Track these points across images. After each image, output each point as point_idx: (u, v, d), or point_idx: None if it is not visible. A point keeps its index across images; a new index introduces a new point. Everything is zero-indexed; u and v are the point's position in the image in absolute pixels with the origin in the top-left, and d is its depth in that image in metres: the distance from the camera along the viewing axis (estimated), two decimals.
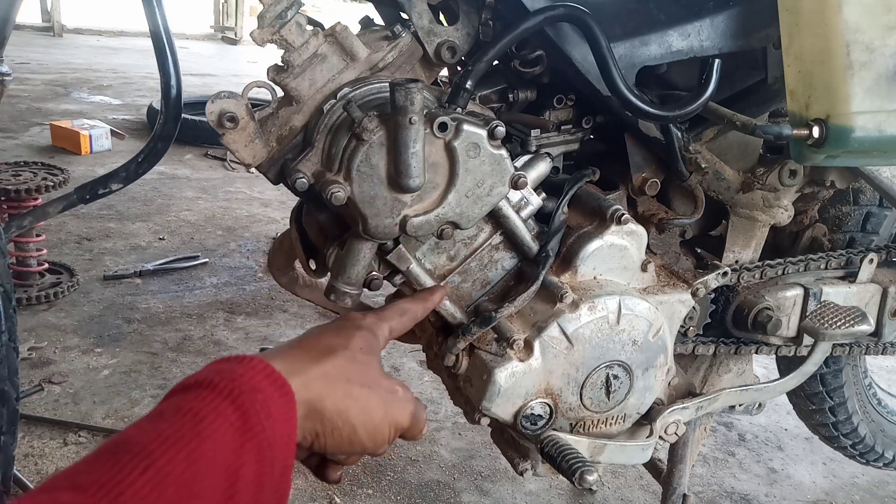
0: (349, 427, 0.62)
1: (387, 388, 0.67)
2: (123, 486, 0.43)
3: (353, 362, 0.64)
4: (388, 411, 0.66)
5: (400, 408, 0.68)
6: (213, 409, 0.49)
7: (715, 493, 1.89)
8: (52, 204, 1.33)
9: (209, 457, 0.47)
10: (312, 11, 1.34)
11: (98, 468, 0.44)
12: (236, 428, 0.49)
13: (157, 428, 0.47)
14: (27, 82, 5.84)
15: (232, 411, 0.50)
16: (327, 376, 0.61)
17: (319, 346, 0.64)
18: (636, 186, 1.13)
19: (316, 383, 0.59)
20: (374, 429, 0.64)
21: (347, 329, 0.69)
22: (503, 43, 0.89)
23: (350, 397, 0.62)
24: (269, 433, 0.51)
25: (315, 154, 0.87)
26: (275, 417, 0.52)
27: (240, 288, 2.77)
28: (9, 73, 1.42)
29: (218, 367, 0.54)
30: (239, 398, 0.51)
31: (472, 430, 2.01)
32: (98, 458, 0.46)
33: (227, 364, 0.54)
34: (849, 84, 0.89)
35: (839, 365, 1.59)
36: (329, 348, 0.64)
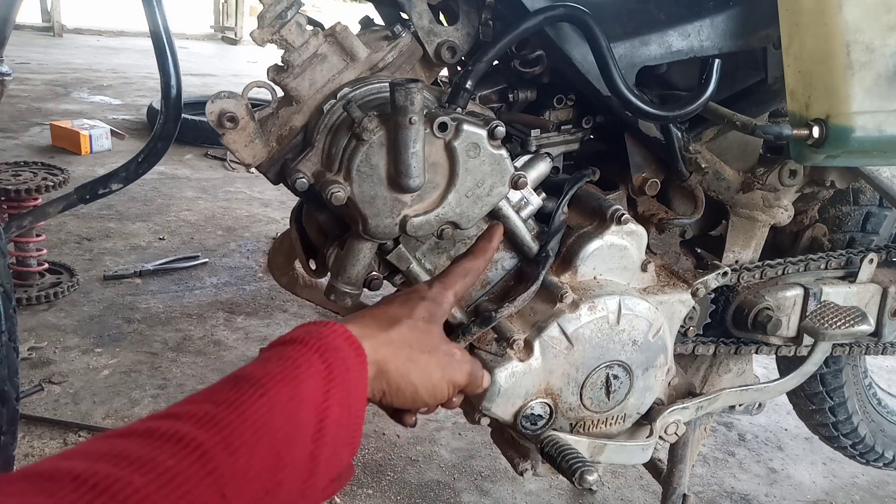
0: (411, 387, 0.71)
1: (445, 352, 0.77)
2: (245, 406, 0.53)
3: (414, 330, 0.73)
4: (445, 373, 0.76)
5: (457, 369, 0.78)
6: (306, 359, 0.60)
7: (715, 493, 1.89)
8: (52, 204, 1.33)
9: (305, 395, 0.57)
10: (312, 11, 1.34)
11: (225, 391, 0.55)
12: (323, 376, 0.60)
13: (266, 368, 0.58)
14: (27, 82, 5.84)
15: (320, 363, 0.60)
16: (392, 342, 0.70)
17: (387, 315, 0.73)
18: (636, 186, 1.13)
19: (383, 348, 0.68)
20: (433, 388, 0.74)
21: (412, 300, 0.78)
22: (503, 43, 0.89)
23: (411, 361, 0.71)
24: (347, 384, 0.61)
25: (315, 154, 0.87)
26: (351, 372, 0.63)
27: (240, 288, 2.77)
28: (9, 73, 1.43)
29: (307, 328, 0.64)
30: (325, 353, 0.61)
31: (472, 430, 2.01)
32: (223, 385, 0.56)
33: (315, 327, 0.65)
34: (849, 84, 0.89)
35: (839, 365, 1.59)
36: (395, 317, 0.73)
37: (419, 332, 0.74)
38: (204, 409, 0.52)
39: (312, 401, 0.58)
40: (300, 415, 0.56)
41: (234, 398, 0.54)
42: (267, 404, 0.54)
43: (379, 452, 1.89)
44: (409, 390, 0.71)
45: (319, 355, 0.61)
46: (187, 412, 0.51)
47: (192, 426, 0.50)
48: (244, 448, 0.50)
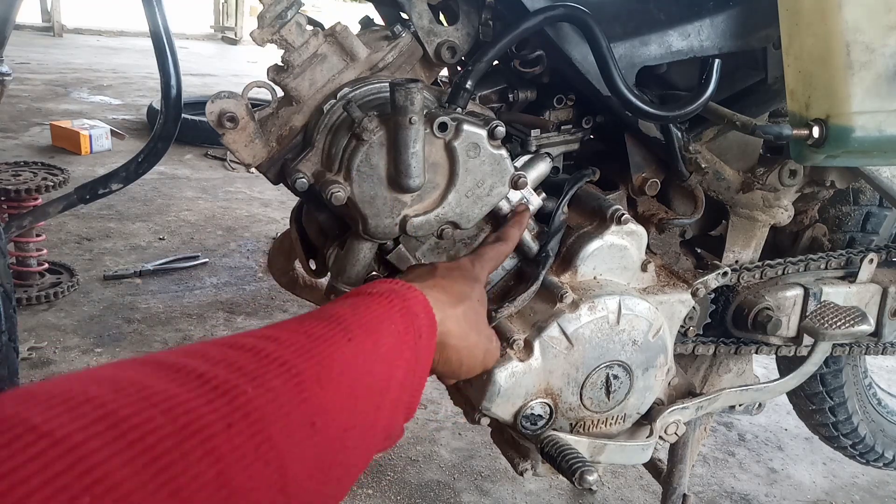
0: (458, 363, 0.77)
1: (487, 336, 0.83)
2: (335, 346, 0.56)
3: (473, 312, 0.78)
4: (484, 356, 0.83)
5: (492, 355, 0.86)
6: (388, 316, 0.64)
7: (715, 493, 1.89)
8: (52, 204, 1.33)
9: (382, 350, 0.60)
10: (312, 11, 1.34)
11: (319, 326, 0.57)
12: (400, 336, 0.63)
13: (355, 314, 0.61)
14: (27, 82, 5.84)
15: (400, 323, 0.64)
16: (457, 320, 0.74)
17: (455, 290, 0.77)
18: (636, 186, 1.13)
19: (449, 323, 0.73)
20: (472, 367, 0.81)
21: (470, 279, 0.82)
22: (503, 43, 0.89)
23: (465, 339, 0.76)
24: (418, 349, 0.65)
25: (315, 154, 0.87)
26: (423, 339, 0.67)
27: (240, 288, 2.77)
28: (9, 73, 1.43)
29: (391, 286, 0.68)
30: (406, 316, 0.65)
31: (472, 430, 2.01)
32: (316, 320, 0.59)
33: (398, 287, 0.68)
34: (849, 84, 0.89)
35: (839, 365, 1.59)
36: (461, 295, 0.77)
37: (475, 314, 0.79)
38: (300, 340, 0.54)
39: (387, 357, 0.61)
40: (376, 367, 0.59)
41: (326, 335, 0.57)
42: (352, 349, 0.57)
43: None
44: (455, 364, 0.77)
45: (401, 316, 0.65)
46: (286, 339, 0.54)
47: (291, 353, 0.52)
48: (331, 385, 0.53)
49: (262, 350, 0.51)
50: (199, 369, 0.47)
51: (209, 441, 0.42)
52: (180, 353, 0.49)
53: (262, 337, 0.54)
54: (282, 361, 0.51)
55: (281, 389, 0.49)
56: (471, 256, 0.89)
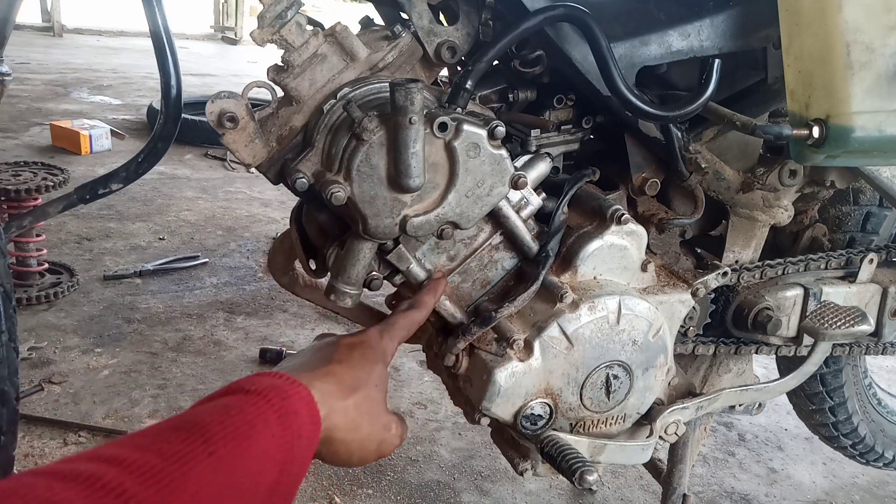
0: (346, 455, 0.73)
1: (384, 425, 0.78)
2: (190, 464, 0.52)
3: (367, 401, 0.74)
4: (378, 447, 0.78)
5: (388, 444, 0.80)
6: (263, 418, 0.60)
7: (715, 493, 1.88)
8: (52, 204, 1.33)
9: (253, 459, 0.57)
10: (312, 11, 1.34)
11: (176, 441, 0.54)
12: (276, 439, 0.60)
13: (223, 420, 0.58)
14: (27, 82, 5.84)
15: (276, 424, 0.60)
16: (346, 412, 0.71)
17: (347, 379, 0.73)
18: (636, 186, 1.13)
19: (336, 417, 0.69)
20: (364, 457, 0.76)
21: (370, 361, 0.78)
22: (503, 43, 0.89)
23: (356, 433, 0.73)
24: (295, 451, 0.62)
25: (315, 154, 0.87)
26: (303, 439, 0.63)
27: (240, 288, 2.77)
28: (9, 73, 1.43)
29: (273, 382, 0.64)
30: (284, 417, 0.62)
31: (472, 430, 2.01)
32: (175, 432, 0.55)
33: (281, 382, 0.65)
34: (849, 84, 0.89)
35: (839, 365, 1.59)
36: (354, 384, 0.73)
37: (370, 403, 0.75)
38: (150, 462, 0.51)
39: (255, 465, 0.57)
40: (242, 479, 0.56)
41: (181, 452, 0.53)
42: (213, 465, 0.54)
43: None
44: (343, 456, 0.73)
45: (278, 417, 0.61)
46: (133, 462, 0.50)
47: (133, 480, 0.49)
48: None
49: (98, 480, 0.48)
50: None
51: None
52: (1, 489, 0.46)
53: (107, 460, 0.50)
54: (119, 492, 0.47)
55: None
56: (380, 327, 0.86)
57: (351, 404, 0.71)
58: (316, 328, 2.52)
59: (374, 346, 0.81)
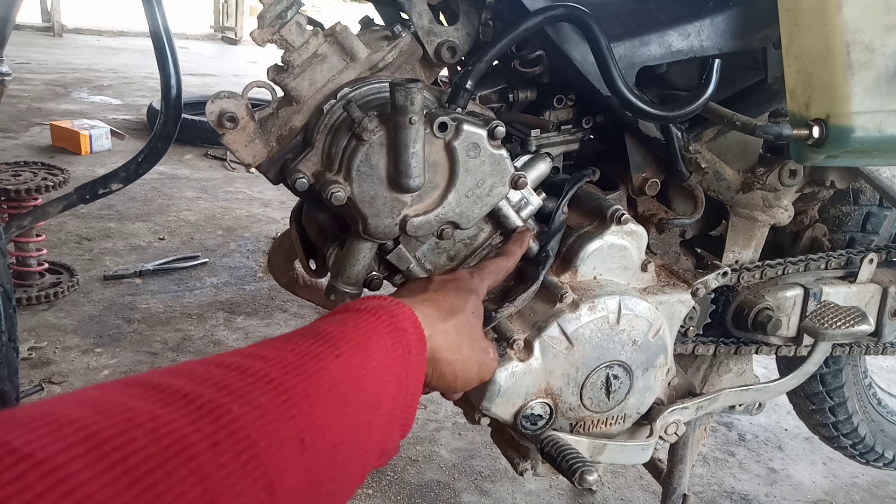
0: (452, 376, 0.76)
1: (483, 349, 0.83)
2: (322, 363, 0.56)
3: (466, 325, 0.78)
4: (480, 369, 0.82)
5: (488, 368, 0.85)
6: (377, 332, 0.64)
7: (715, 493, 1.88)
8: (52, 204, 1.33)
9: (371, 366, 0.60)
10: (312, 11, 1.34)
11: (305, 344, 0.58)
12: (389, 352, 0.63)
13: (343, 331, 0.61)
14: (27, 82, 5.84)
15: (388, 339, 0.64)
16: (448, 333, 0.74)
17: (446, 304, 0.77)
18: (636, 186, 1.13)
19: (439, 337, 0.73)
20: (468, 380, 0.80)
21: (464, 292, 0.82)
22: (503, 43, 0.89)
23: (458, 353, 0.76)
24: (408, 365, 0.65)
25: (315, 154, 0.87)
26: (413, 354, 0.67)
27: (240, 288, 2.77)
28: (9, 73, 1.43)
29: (379, 302, 0.68)
30: (394, 332, 0.65)
31: (472, 430, 2.01)
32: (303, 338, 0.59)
33: (386, 303, 0.68)
34: (849, 84, 0.89)
35: (839, 365, 1.59)
36: (452, 308, 0.77)
37: (469, 327, 0.79)
38: (288, 358, 0.54)
39: (377, 373, 0.61)
40: (366, 383, 0.59)
41: (314, 352, 0.57)
42: (340, 365, 0.57)
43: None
44: (449, 378, 0.76)
45: (389, 332, 0.65)
46: (273, 357, 0.54)
47: (278, 371, 0.52)
48: (320, 401, 0.53)
49: (248, 368, 0.51)
50: (183, 389, 0.46)
51: (193, 460, 0.42)
52: (165, 373, 0.49)
53: (248, 355, 0.54)
54: (269, 379, 0.51)
55: (268, 406, 0.49)
56: (471, 269, 0.89)
57: (451, 326, 0.75)
58: None
59: (466, 280, 0.85)
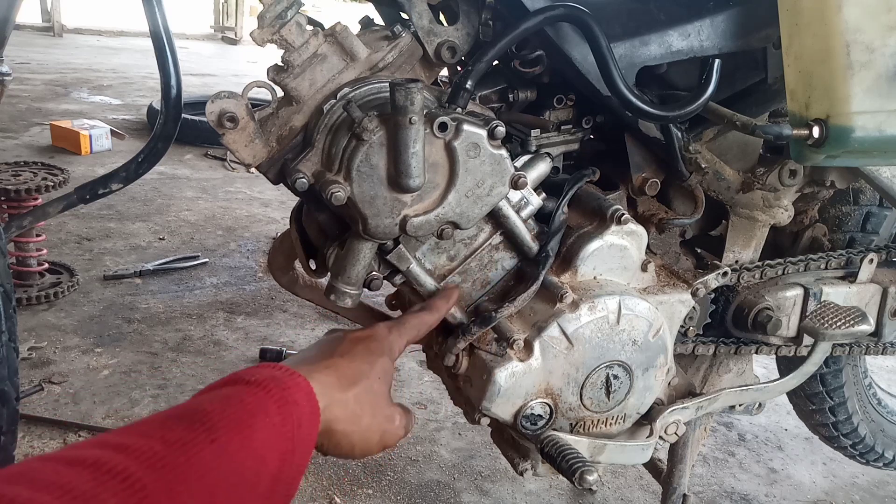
0: (348, 446, 0.73)
1: (387, 417, 0.78)
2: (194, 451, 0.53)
3: (369, 393, 0.75)
4: (381, 437, 0.78)
5: (392, 435, 0.80)
6: (264, 408, 0.61)
7: (715, 493, 1.88)
8: (52, 204, 1.33)
9: (254, 446, 0.58)
10: (312, 11, 1.34)
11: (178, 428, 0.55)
12: (276, 429, 0.60)
13: (223, 410, 0.58)
14: (27, 82, 5.84)
15: (276, 414, 0.61)
16: (346, 404, 0.71)
17: (349, 371, 0.74)
18: (636, 186, 1.13)
19: (336, 408, 0.70)
20: (366, 449, 0.76)
21: (373, 355, 0.79)
22: (503, 43, 0.89)
23: (356, 424, 0.73)
24: (295, 440, 0.62)
25: (315, 154, 0.87)
26: (303, 429, 0.64)
27: (240, 288, 2.77)
28: (9, 73, 1.42)
29: (272, 373, 0.65)
30: (283, 406, 0.62)
31: (472, 430, 2.01)
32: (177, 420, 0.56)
33: (280, 373, 0.65)
34: (849, 84, 0.89)
35: (839, 365, 1.59)
36: (356, 376, 0.74)
37: (371, 395, 0.75)
38: (154, 448, 0.51)
39: (258, 453, 0.58)
40: (245, 466, 0.56)
41: (185, 439, 0.54)
42: (215, 451, 0.54)
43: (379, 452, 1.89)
44: (346, 448, 0.73)
45: (278, 407, 0.61)
46: (137, 448, 0.51)
47: (139, 465, 0.49)
48: (185, 494, 0.51)
49: (104, 465, 0.48)
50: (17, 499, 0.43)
51: None
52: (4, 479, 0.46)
53: (111, 447, 0.51)
54: (124, 476, 0.48)
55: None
56: (389, 323, 0.87)
57: (351, 396, 0.72)
58: (316, 328, 2.52)
59: (379, 339, 0.82)
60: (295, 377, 0.65)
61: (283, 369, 0.66)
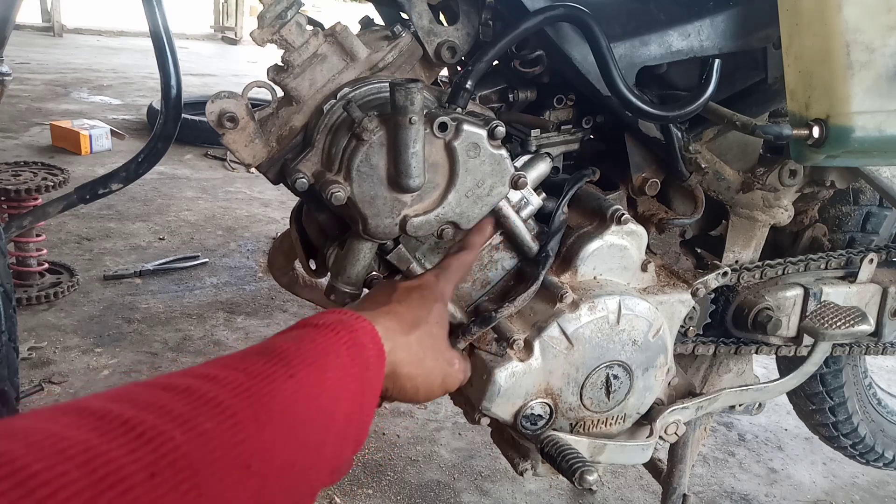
0: (413, 389, 0.75)
1: (447, 360, 0.81)
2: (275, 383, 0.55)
3: (429, 336, 0.77)
4: (444, 380, 0.81)
5: (453, 379, 0.83)
6: (335, 349, 0.62)
7: (715, 493, 1.88)
8: (52, 204, 1.33)
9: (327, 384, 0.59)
10: (312, 11, 1.34)
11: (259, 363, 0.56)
12: (346, 369, 0.62)
13: (298, 348, 0.60)
14: (27, 82, 5.84)
15: (346, 355, 0.63)
16: (409, 347, 0.73)
17: (409, 316, 0.76)
18: (636, 186, 1.13)
19: (400, 351, 0.71)
20: (430, 392, 0.79)
21: (429, 301, 0.81)
22: (503, 43, 0.89)
23: (420, 367, 0.75)
24: (364, 382, 0.64)
25: (315, 154, 0.87)
26: (370, 370, 0.65)
27: (240, 288, 2.77)
28: (9, 73, 1.43)
29: (339, 317, 0.66)
30: (352, 348, 0.64)
31: (472, 430, 2.01)
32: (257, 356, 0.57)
33: (346, 317, 0.67)
34: (849, 84, 0.89)
35: (839, 365, 1.59)
36: (416, 320, 0.76)
37: (432, 339, 0.78)
38: (239, 379, 0.53)
39: (332, 391, 0.60)
40: (320, 402, 0.58)
41: (266, 372, 0.55)
42: (294, 385, 0.56)
43: (379, 452, 1.89)
44: (410, 391, 0.75)
45: (347, 348, 0.63)
46: (224, 378, 0.53)
47: (228, 393, 0.51)
48: (271, 424, 0.52)
49: (196, 391, 0.50)
50: (124, 415, 0.45)
51: (129, 493, 0.40)
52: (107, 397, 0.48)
53: (199, 376, 0.53)
54: (216, 402, 0.50)
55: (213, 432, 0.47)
56: (434, 270, 0.88)
57: (413, 339, 0.74)
58: None
59: (431, 286, 0.84)
60: (361, 321, 0.67)
61: (348, 314, 0.68)
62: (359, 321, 0.67)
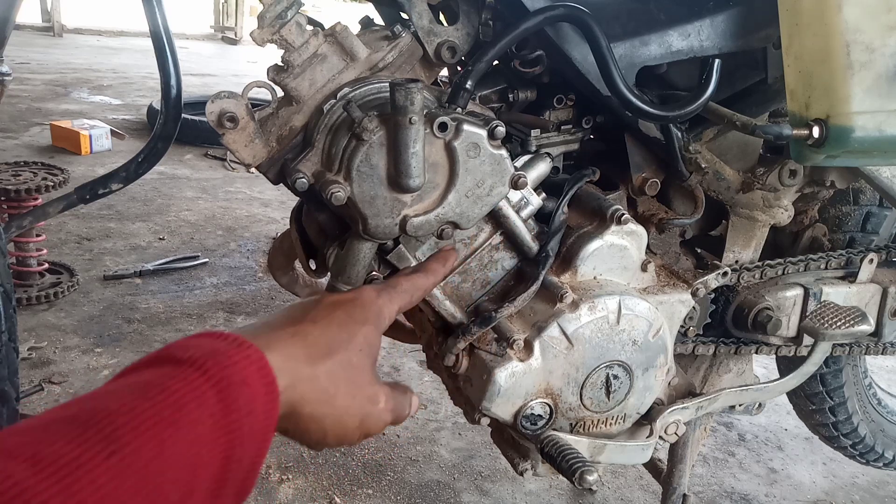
0: (319, 432, 0.60)
1: (369, 397, 0.64)
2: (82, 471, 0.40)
3: (346, 368, 0.61)
4: (363, 422, 0.64)
5: (374, 421, 0.66)
6: (197, 397, 0.46)
7: (715, 493, 1.88)
8: (52, 204, 1.33)
9: (179, 449, 0.44)
10: (312, 11, 1.34)
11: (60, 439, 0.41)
12: (215, 421, 0.47)
13: (133, 405, 0.44)
14: (27, 82, 5.84)
15: (215, 402, 0.47)
16: (316, 380, 0.58)
17: (321, 342, 0.60)
18: (636, 186, 1.13)
19: (303, 385, 0.56)
20: (342, 436, 0.63)
21: (355, 323, 0.65)
22: (503, 43, 0.89)
23: (329, 406, 0.59)
24: (245, 431, 0.49)
25: (315, 154, 0.87)
26: (255, 415, 0.50)
27: (240, 288, 2.77)
28: (9, 73, 1.43)
29: (213, 346, 0.51)
30: (226, 390, 0.48)
31: (472, 430, 2.01)
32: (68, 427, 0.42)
33: (225, 346, 0.51)
34: (849, 84, 0.89)
35: (839, 365, 1.59)
36: (330, 347, 0.61)
37: (350, 371, 0.62)
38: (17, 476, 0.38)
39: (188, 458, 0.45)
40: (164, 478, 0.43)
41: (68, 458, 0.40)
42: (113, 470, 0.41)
43: (379, 452, 1.89)
44: (316, 434, 0.60)
45: (217, 392, 0.47)
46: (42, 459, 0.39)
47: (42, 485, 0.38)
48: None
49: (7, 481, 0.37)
50: None
51: None
52: None
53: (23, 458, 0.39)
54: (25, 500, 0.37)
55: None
56: (377, 286, 0.75)
57: (322, 371, 0.58)
58: None
59: (364, 304, 0.69)
60: (244, 349, 0.51)
61: (228, 339, 0.52)
62: (241, 351, 0.51)
